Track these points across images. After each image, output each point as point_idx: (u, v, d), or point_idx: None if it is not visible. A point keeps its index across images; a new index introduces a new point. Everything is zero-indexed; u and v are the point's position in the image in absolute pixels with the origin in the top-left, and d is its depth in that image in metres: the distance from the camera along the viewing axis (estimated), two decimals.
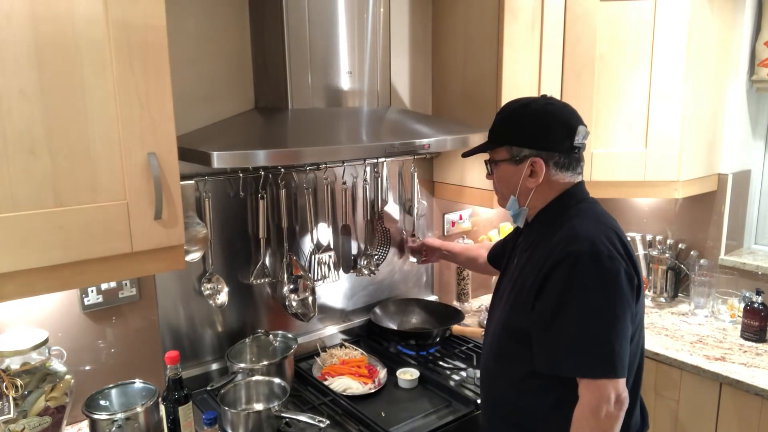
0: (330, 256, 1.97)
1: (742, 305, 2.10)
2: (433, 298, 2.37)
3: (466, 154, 1.40)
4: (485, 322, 1.49)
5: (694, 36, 2.03)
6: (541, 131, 1.26)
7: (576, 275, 1.13)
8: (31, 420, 1.34)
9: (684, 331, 2.15)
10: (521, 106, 1.29)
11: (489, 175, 1.38)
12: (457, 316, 2.10)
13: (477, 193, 2.09)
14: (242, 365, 1.69)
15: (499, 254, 1.73)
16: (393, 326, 2.11)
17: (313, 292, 1.90)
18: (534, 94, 2.04)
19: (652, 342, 2.05)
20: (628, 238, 1.32)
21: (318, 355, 1.94)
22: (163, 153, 1.25)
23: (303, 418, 1.49)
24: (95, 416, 1.39)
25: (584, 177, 2.14)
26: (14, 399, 1.31)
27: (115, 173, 1.20)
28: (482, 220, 2.50)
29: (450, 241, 2.39)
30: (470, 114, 2.05)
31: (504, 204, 1.37)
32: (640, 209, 2.61)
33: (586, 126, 1.28)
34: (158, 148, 1.24)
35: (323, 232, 1.97)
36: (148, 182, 1.23)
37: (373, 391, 1.72)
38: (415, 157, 2.16)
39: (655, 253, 2.45)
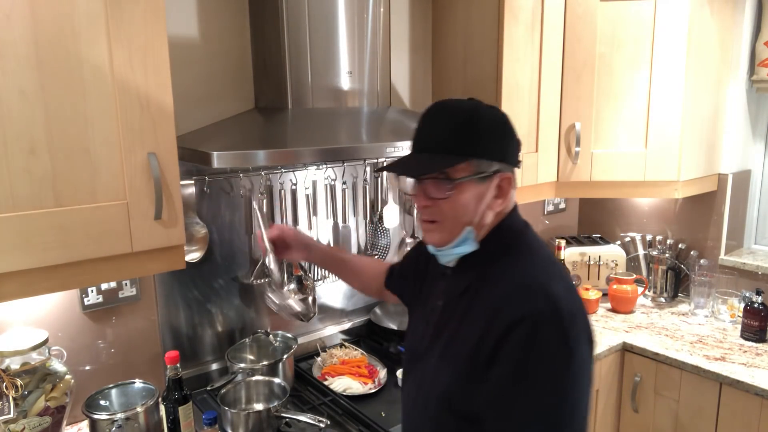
0: None
1: (742, 305, 2.11)
2: None
3: (415, 174, 1.03)
4: (400, 380, 1.18)
5: (694, 36, 2.03)
6: (506, 141, 1.03)
7: (536, 344, 0.91)
8: (31, 420, 1.34)
9: (684, 331, 2.15)
10: (473, 109, 1.02)
11: (428, 199, 1.02)
12: None
13: None
14: (242, 365, 1.69)
15: (403, 283, 1.37)
16: (393, 326, 2.11)
17: (313, 292, 1.90)
18: (534, 94, 2.04)
19: (652, 342, 2.05)
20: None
21: (318, 355, 1.94)
22: (163, 153, 1.25)
23: (303, 418, 1.49)
24: (95, 416, 1.39)
25: (584, 177, 2.18)
26: (14, 399, 1.31)
27: (115, 173, 1.20)
28: None
29: None
30: None
31: (451, 238, 1.03)
32: (640, 209, 2.61)
33: None
34: (158, 148, 1.24)
35: (323, 232, 1.97)
36: (148, 182, 1.23)
37: (373, 391, 1.72)
38: None
39: (655, 253, 2.45)
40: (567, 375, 0.91)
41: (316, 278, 1.94)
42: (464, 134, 1.00)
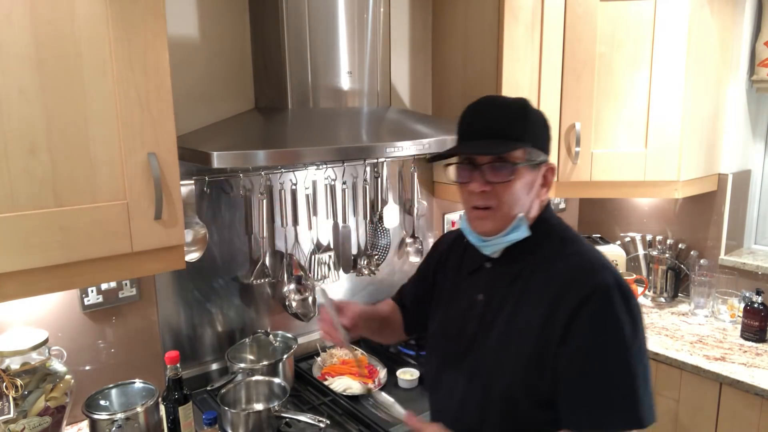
0: (330, 256, 1.97)
1: (742, 305, 2.10)
2: None
3: (486, 153, 1.02)
4: (432, 388, 1.15)
5: (694, 36, 2.03)
6: (548, 134, 1.09)
7: (610, 313, 0.96)
8: (31, 420, 1.34)
9: (684, 331, 2.15)
10: (523, 102, 1.06)
11: (486, 184, 1.03)
12: None
13: None
14: (242, 365, 1.69)
15: (421, 316, 1.30)
16: None
17: (313, 292, 1.90)
18: (534, 94, 2.04)
19: (652, 342, 2.05)
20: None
21: (318, 355, 1.94)
22: (163, 153, 1.25)
23: (303, 418, 1.49)
24: (95, 416, 1.39)
25: (584, 177, 2.17)
26: (14, 399, 1.31)
27: (115, 173, 1.20)
28: None
29: None
30: None
31: (504, 226, 1.05)
32: (640, 209, 2.61)
33: None
34: (158, 148, 1.24)
35: (323, 232, 1.97)
36: (148, 182, 1.23)
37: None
38: (415, 157, 2.16)
39: (655, 253, 2.45)
40: (635, 340, 0.97)
41: (316, 278, 1.94)
42: (520, 122, 1.04)
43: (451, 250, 1.25)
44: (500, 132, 1.03)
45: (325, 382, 1.75)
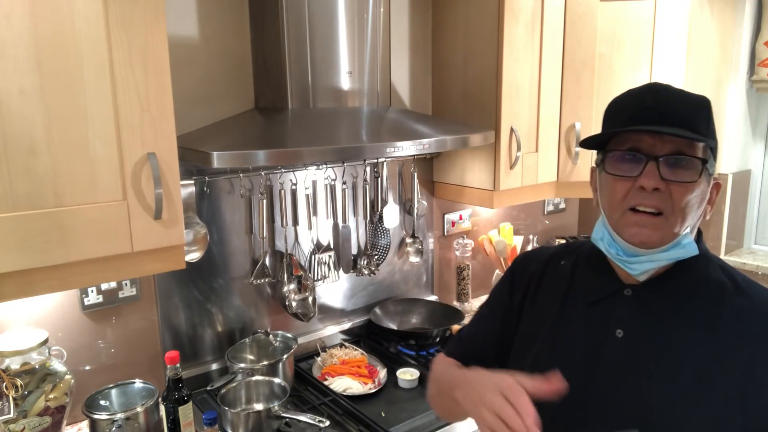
0: (330, 256, 1.97)
1: None
2: (433, 298, 2.37)
3: (672, 133, 0.81)
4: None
5: (694, 36, 2.03)
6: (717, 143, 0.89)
7: None
8: (31, 420, 1.34)
9: None
10: (706, 99, 0.88)
11: (662, 181, 0.82)
12: (457, 316, 2.10)
13: (477, 193, 2.09)
14: (242, 365, 1.69)
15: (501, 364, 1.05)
16: (393, 326, 2.11)
17: (313, 292, 1.90)
18: (534, 94, 2.04)
19: None
20: None
21: (318, 355, 1.94)
22: (163, 153, 1.25)
23: (303, 418, 1.49)
24: (95, 416, 1.39)
25: (584, 177, 2.17)
26: (14, 399, 1.31)
27: (115, 173, 1.20)
28: (482, 220, 2.50)
29: (450, 241, 2.39)
30: (470, 114, 2.05)
31: (672, 238, 0.84)
32: None
33: None
34: (158, 148, 1.24)
35: (323, 232, 1.97)
36: (148, 182, 1.23)
37: (373, 391, 1.72)
38: (415, 157, 2.16)
39: None
40: None
41: (316, 278, 1.94)
42: (707, 118, 0.86)
43: (545, 274, 1.01)
44: (688, 121, 0.82)
45: (325, 382, 1.75)
